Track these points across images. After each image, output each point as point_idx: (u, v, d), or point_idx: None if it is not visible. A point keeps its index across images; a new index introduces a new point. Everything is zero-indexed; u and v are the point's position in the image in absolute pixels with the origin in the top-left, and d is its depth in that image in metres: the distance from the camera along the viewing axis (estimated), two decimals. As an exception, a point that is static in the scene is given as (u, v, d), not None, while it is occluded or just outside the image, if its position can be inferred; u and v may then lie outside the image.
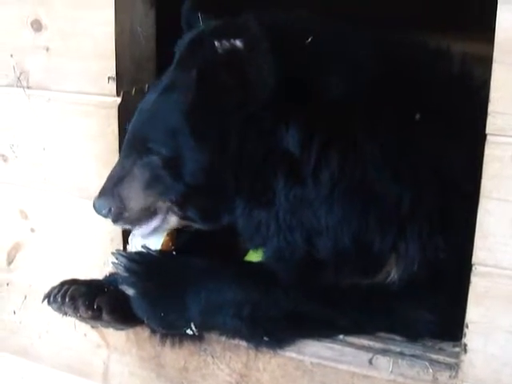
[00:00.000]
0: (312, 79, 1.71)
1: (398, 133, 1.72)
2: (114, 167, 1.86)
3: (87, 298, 1.87)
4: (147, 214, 1.85)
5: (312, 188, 1.71)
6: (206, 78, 1.72)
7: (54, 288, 1.94)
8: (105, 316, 1.89)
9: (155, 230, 1.88)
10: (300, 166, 1.71)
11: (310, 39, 1.72)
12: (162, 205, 1.84)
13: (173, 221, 1.88)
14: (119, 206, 1.82)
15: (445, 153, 1.73)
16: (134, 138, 1.83)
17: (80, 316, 1.90)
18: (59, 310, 1.91)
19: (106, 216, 1.84)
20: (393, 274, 1.80)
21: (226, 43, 1.64)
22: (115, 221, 1.86)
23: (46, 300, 1.93)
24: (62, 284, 1.94)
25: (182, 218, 1.87)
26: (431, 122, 1.74)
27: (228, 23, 1.68)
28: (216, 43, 1.65)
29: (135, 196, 1.82)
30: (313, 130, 1.69)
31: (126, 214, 1.83)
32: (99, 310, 1.87)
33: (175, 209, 1.84)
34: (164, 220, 1.87)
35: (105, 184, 1.85)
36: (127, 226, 1.91)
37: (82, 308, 1.86)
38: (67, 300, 1.87)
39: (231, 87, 1.70)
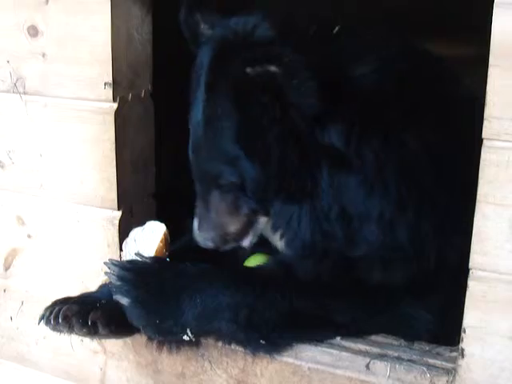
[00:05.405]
0: (344, 71, 1.72)
1: (434, 128, 1.75)
2: (198, 202, 1.96)
3: (80, 316, 1.86)
4: (244, 227, 1.96)
5: (358, 169, 1.73)
6: (242, 100, 1.74)
7: (46, 309, 1.93)
8: (101, 330, 1.87)
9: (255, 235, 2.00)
10: (342, 154, 1.73)
11: (336, 29, 1.76)
12: (251, 215, 1.94)
13: (263, 221, 1.98)
14: (220, 234, 1.95)
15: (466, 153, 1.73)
16: (204, 176, 1.92)
17: (76, 334, 1.89)
18: (54, 329, 1.90)
19: (212, 246, 1.97)
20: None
21: (259, 68, 1.66)
22: (222, 246, 1.98)
23: (42, 321, 1.92)
24: (54, 304, 1.94)
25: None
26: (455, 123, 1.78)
27: (261, 52, 1.69)
28: (248, 69, 1.67)
29: (228, 221, 1.94)
30: (353, 120, 1.71)
31: (229, 237, 1.96)
32: (94, 325, 1.86)
33: (260, 212, 1.94)
34: (257, 225, 1.98)
35: (199, 220, 1.98)
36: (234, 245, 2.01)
37: (76, 326, 1.85)
38: (60, 320, 1.86)
39: (268, 105, 1.72)
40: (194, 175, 1.95)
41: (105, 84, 1.98)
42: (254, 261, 2.09)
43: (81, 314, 1.87)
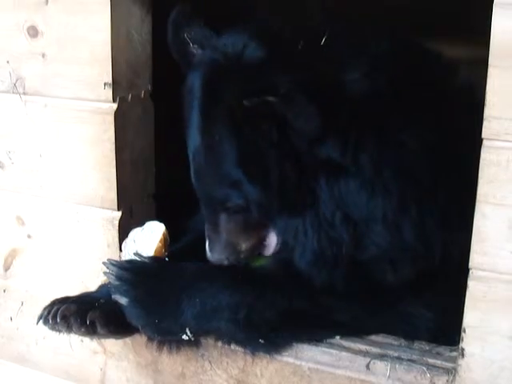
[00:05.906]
0: (336, 81, 1.71)
1: (431, 128, 1.74)
2: (207, 225, 1.98)
3: (79, 315, 1.86)
4: (256, 242, 1.98)
5: (355, 174, 1.72)
6: (239, 128, 1.75)
7: (45, 309, 1.93)
8: (99, 330, 1.87)
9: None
10: (339, 162, 1.73)
11: (323, 40, 1.75)
12: (262, 230, 1.97)
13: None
14: (233, 252, 1.96)
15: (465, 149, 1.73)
16: (211, 201, 1.94)
17: (74, 333, 1.89)
18: (53, 329, 1.90)
19: (227, 263, 1.98)
20: None
21: (256, 99, 1.65)
22: (237, 262, 1.98)
23: (41, 320, 1.92)
24: (53, 303, 1.93)
25: None
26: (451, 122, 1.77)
27: (257, 83, 1.69)
28: (245, 102, 1.66)
29: (239, 239, 1.95)
30: (349, 127, 1.70)
31: (242, 255, 1.97)
32: (93, 324, 1.85)
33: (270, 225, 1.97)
34: (271, 236, 1.99)
35: (210, 242, 1.97)
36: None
37: (75, 325, 1.85)
38: (59, 320, 1.86)
39: (265, 131, 1.72)
40: (199, 199, 1.96)
41: (104, 84, 1.98)
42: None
43: (79, 314, 1.86)
